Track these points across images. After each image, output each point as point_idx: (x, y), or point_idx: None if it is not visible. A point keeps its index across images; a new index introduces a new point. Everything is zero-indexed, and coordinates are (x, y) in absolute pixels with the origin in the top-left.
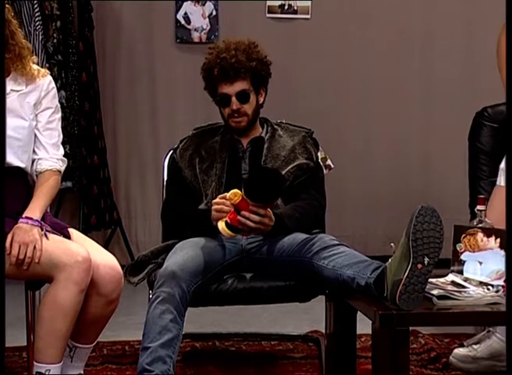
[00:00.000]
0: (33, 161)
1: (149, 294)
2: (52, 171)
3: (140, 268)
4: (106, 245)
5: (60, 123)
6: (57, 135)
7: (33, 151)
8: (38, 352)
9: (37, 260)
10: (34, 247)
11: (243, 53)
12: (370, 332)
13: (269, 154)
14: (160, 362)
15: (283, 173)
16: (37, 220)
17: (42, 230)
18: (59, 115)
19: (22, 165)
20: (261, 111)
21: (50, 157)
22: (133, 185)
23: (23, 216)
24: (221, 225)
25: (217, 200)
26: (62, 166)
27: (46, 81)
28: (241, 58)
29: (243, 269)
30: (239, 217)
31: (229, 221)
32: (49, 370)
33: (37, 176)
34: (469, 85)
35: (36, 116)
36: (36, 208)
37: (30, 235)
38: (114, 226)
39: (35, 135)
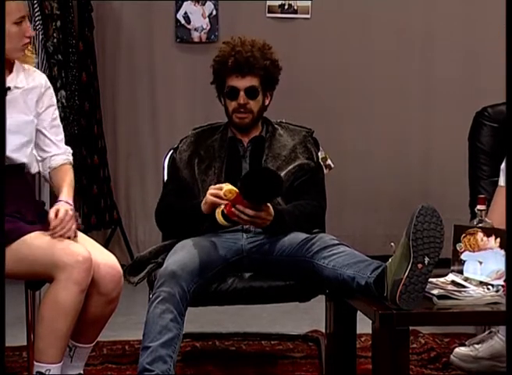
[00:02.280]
0: (43, 159)
1: (149, 293)
2: (67, 164)
3: (140, 268)
4: (106, 245)
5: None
6: (61, 131)
7: (42, 150)
8: (39, 352)
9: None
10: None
11: (259, 51)
12: (370, 332)
13: (270, 153)
14: (160, 361)
15: (284, 172)
16: (64, 201)
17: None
18: (58, 112)
19: (26, 160)
20: None
21: (63, 152)
22: (133, 185)
23: (64, 199)
24: (217, 212)
25: (214, 187)
26: (72, 158)
27: (44, 79)
28: (256, 55)
29: (243, 268)
30: (233, 209)
31: (225, 211)
32: (49, 370)
33: (49, 172)
34: (469, 85)
35: (40, 114)
36: (70, 196)
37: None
38: (114, 225)
39: (42, 134)
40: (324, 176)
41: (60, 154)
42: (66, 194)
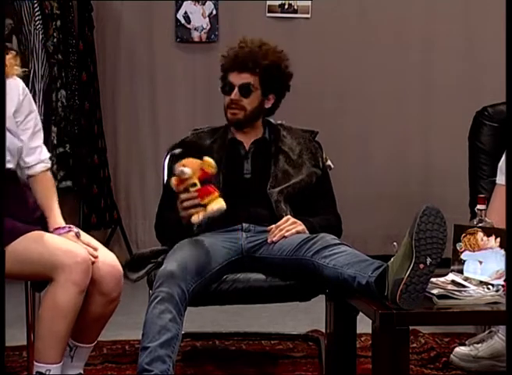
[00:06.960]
0: (22, 167)
1: (149, 293)
2: (46, 171)
3: (140, 265)
4: (106, 244)
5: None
6: (41, 136)
7: (22, 159)
8: (38, 352)
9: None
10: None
11: (263, 50)
12: (370, 331)
13: (280, 153)
14: (159, 361)
15: (292, 182)
16: (64, 227)
17: (72, 232)
18: (39, 116)
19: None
20: None
21: (41, 160)
22: (133, 185)
23: (54, 228)
24: (214, 205)
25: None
26: (50, 164)
27: (21, 86)
28: (257, 54)
29: (243, 268)
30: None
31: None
32: (49, 370)
33: (27, 178)
34: (469, 85)
35: (21, 123)
36: (57, 216)
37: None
38: (114, 225)
39: (23, 143)
40: (331, 182)
41: (39, 162)
42: (54, 217)
